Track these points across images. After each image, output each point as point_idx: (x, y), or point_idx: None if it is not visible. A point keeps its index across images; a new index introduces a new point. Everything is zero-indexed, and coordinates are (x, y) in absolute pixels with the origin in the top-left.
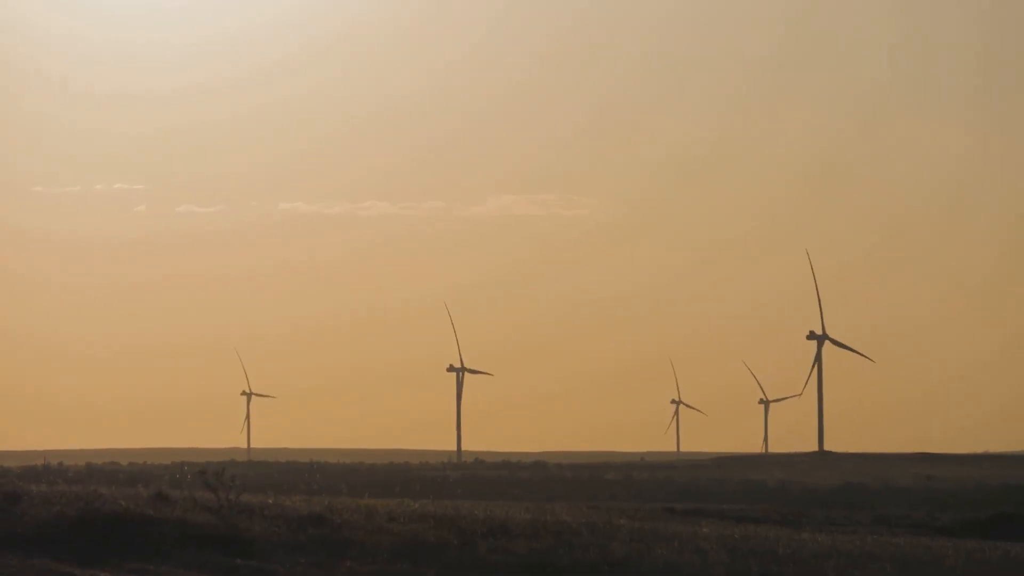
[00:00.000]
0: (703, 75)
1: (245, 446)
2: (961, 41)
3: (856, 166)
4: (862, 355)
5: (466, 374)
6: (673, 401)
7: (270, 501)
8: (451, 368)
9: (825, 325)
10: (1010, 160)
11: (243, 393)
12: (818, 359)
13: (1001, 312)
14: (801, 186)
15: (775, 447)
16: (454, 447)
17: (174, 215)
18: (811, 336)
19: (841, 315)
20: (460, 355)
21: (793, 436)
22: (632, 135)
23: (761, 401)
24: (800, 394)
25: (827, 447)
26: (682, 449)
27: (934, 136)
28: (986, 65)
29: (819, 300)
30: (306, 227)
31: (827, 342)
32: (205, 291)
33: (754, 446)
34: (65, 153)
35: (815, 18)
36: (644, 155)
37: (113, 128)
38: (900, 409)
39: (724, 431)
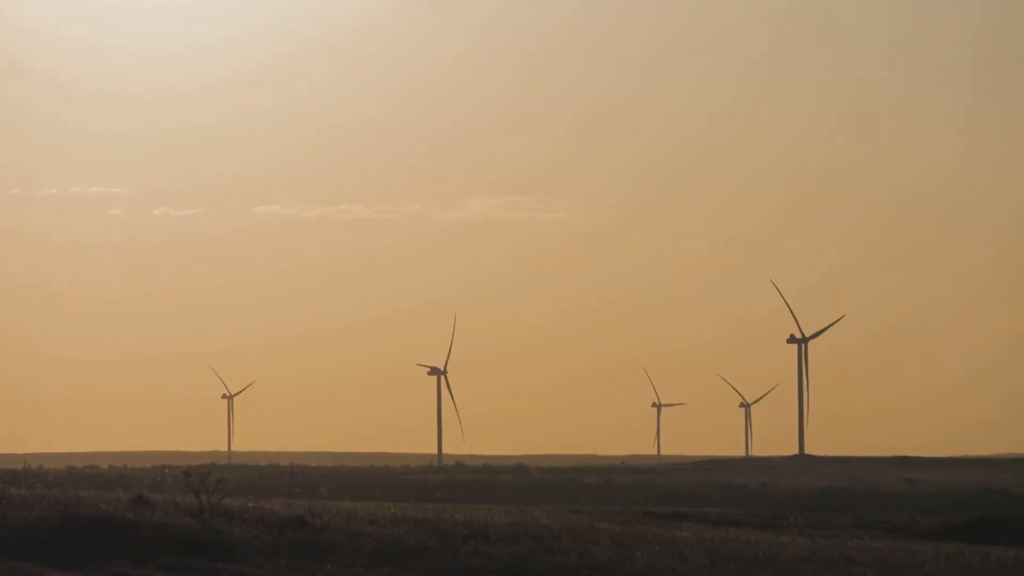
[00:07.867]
0: (685, 80)
1: (226, 449)
2: (952, 47)
3: (839, 173)
4: (835, 322)
5: (447, 376)
6: (654, 404)
7: (251, 504)
8: (432, 371)
9: (803, 328)
10: (998, 169)
11: (224, 396)
12: (801, 363)
13: (984, 317)
14: (785, 191)
15: (756, 450)
16: (435, 450)
17: (151, 218)
18: (791, 340)
19: (823, 319)
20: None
21: (774, 439)
22: (612, 139)
23: (742, 404)
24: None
25: (808, 451)
26: (663, 452)
27: (921, 144)
28: (977, 71)
29: (789, 307)
30: (283, 231)
31: (810, 342)
32: (183, 295)
33: (735, 450)
34: (41, 156)
35: (801, 27)
36: (624, 159)
37: (90, 131)
38: (881, 413)
39: (705, 434)
